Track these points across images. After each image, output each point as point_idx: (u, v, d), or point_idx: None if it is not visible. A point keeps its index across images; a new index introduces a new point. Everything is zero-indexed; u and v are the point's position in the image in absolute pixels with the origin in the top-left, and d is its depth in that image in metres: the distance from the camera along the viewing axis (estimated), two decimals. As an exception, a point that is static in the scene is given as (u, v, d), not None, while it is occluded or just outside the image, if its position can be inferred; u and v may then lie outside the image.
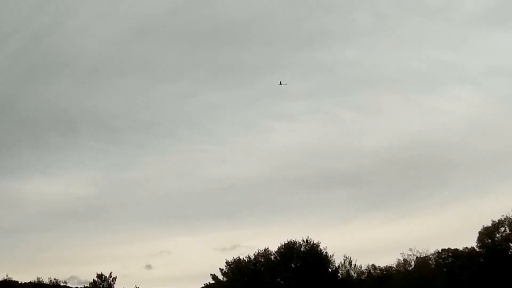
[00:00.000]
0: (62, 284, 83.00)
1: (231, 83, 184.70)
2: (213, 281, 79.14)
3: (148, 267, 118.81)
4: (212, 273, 78.05)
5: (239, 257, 78.16)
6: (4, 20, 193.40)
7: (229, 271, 77.31)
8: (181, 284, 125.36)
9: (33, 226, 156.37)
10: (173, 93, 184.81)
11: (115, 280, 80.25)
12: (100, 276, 79.49)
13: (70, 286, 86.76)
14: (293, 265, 73.70)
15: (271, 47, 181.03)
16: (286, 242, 74.83)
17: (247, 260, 77.32)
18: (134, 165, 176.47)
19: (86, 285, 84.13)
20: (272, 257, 75.78)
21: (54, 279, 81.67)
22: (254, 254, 77.72)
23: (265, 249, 76.74)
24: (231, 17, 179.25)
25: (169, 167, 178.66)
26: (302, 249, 73.14)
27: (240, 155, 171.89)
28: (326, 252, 72.45)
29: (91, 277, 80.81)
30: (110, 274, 79.94)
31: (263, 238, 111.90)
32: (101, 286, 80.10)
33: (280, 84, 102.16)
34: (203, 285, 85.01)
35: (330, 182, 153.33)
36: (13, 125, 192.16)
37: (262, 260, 76.25)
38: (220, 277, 77.22)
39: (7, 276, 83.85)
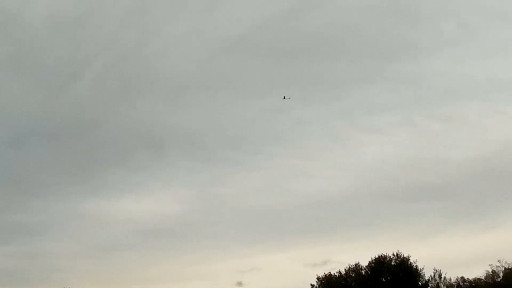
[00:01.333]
0: None
1: (320, 97, 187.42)
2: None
3: (239, 284, 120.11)
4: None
5: (330, 272, 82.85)
6: (90, 40, 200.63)
7: (320, 286, 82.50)
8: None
9: (123, 244, 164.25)
10: (262, 108, 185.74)
11: None
12: None
13: None
14: (383, 279, 77.45)
15: (358, 60, 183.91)
16: (377, 256, 78.66)
17: (338, 275, 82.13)
18: (223, 182, 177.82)
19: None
20: (363, 271, 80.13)
21: None
22: (345, 269, 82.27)
23: (355, 264, 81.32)
24: (318, 32, 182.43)
25: (259, 183, 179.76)
26: (392, 263, 77.10)
27: (330, 169, 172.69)
28: (416, 266, 76.13)
29: None
30: None
31: (354, 252, 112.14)
32: None
33: (284, 98, 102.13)
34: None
35: (419, 194, 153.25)
36: (102, 145, 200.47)
37: (353, 275, 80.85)
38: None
39: None
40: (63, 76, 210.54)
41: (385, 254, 78.43)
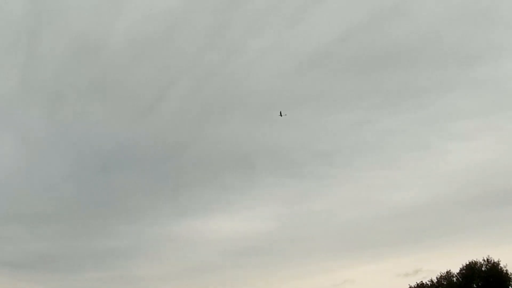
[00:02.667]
0: None
1: (405, 106, 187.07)
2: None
3: None
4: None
5: (422, 281, 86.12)
6: (173, 61, 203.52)
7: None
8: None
9: (216, 264, 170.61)
10: (349, 120, 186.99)
11: None
12: None
13: None
14: (474, 286, 78.05)
15: (439, 67, 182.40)
16: (467, 262, 79.38)
17: (430, 284, 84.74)
18: (313, 196, 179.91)
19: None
20: (454, 279, 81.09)
21: None
22: (436, 278, 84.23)
23: (447, 272, 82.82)
24: (399, 41, 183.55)
25: (348, 195, 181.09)
26: (483, 268, 77.14)
27: (418, 178, 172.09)
28: (506, 270, 75.11)
29: None
30: None
31: (444, 260, 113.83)
32: None
33: (280, 115, 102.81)
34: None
35: (506, 199, 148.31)
36: (190, 166, 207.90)
37: (445, 283, 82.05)
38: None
39: None
40: (148, 99, 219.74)
41: (475, 260, 79.24)
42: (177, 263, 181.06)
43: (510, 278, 76.47)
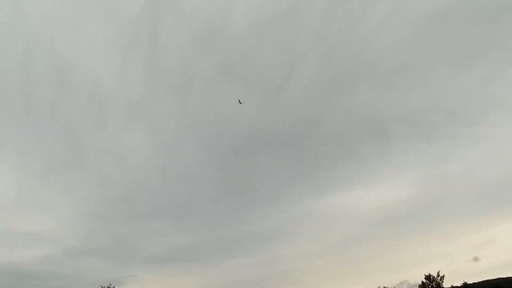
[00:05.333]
0: None
1: None
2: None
3: (475, 259, 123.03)
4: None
5: None
6: (296, 37, 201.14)
7: None
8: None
9: (358, 236, 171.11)
10: (476, 77, 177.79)
11: (443, 278, 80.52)
12: (428, 277, 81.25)
13: None
14: None
15: None
16: None
17: None
18: (450, 158, 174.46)
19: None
20: None
21: (384, 287, 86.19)
22: None
23: None
24: None
25: (485, 154, 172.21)
26: None
27: None
28: None
29: (420, 279, 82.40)
30: (438, 273, 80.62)
31: None
32: (429, 287, 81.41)
33: (240, 102, 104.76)
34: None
35: None
36: (326, 141, 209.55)
37: None
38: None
39: None
40: (276, 78, 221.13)
41: None
42: (321, 239, 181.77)
43: None
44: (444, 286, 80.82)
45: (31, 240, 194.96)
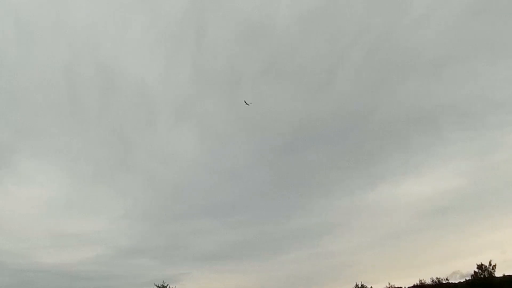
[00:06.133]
0: (444, 282, 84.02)
1: None
2: None
3: None
4: None
5: None
6: (341, 31, 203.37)
7: None
8: None
9: (408, 228, 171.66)
10: None
11: (495, 267, 79.47)
12: (480, 266, 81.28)
13: (452, 282, 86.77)
14: None
15: None
16: None
17: None
18: (499, 147, 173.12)
19: (467, 278, 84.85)
20: None
21: (436, 278, 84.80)
22: None
23: None
24: None
25: None
26: None
27: None
28: None
29: (472, 269, 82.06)
30: (490, 262, 79.96)
31: None
32: (481, 276, 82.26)
33: (246, 103, 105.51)
34: None
35: None
36: (374, 133, 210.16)
37: None
38: None
39: (389, 284, 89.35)
40: (323, 73, 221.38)
41: None
42: (371, 232, 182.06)
43: None
44: (496, 275, 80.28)
45: (82, 241, 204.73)
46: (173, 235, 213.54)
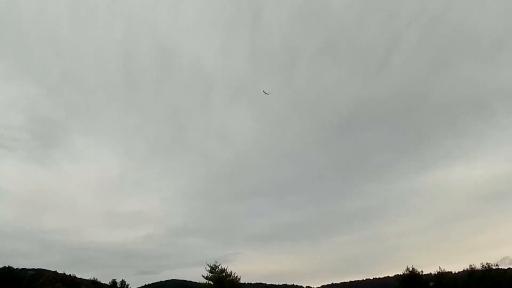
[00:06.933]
0: (494, 268, 79.35)
1: None
2: None
3: None
4: None
5: None
6: (396, 13, 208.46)
7: None
8: None
9: (460, 213, 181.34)
10: None
11: None
12: None
13: (502, 267, 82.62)
14: None
15: None
16: None
17: None
18: None
19: (520, 264, 76.23)
20: None
21: (486, 263, 79.46)
22: None
23: None
24: None
25: None
26: None
27: None
28: None
29: None
30: None
31: None
32: None
33: (264, 92, 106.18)
34: None
35: None
36: (428, 116, 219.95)
37: None
38: None
39: (439, 268, 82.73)
40: (379, 54, 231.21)
41: None
42: (424, 216, 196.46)
43: None
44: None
45: (135, 220, 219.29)
46: (226, 215, 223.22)
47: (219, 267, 74.01)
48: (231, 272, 74.34)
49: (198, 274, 73.54)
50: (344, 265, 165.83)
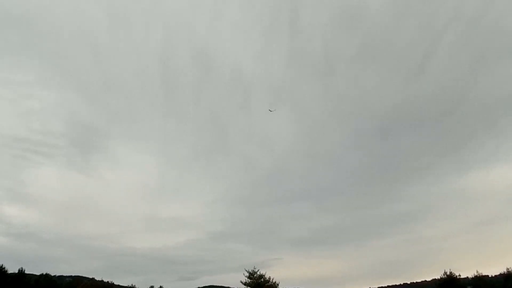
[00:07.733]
0: None
1: None
2: None
3: None
4: None
5: None
6: (435, 16, 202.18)
7: None
8: None
9: (498, 216, 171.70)
10: None
11: None
12: None
13: None
14: None
15: None
16: None
17: None
18: None
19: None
20: None
21: None
22: None
23: None
24: None
25: None
26: None
27: None
28: None
29: None
30: None
31: None
32: None
33: (270, 111, 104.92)
34: None
35: None
36: (466, 118, 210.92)
37: None
38: None
39: (477, 272, 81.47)
40: (417, 57, 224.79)
41: None
42: (463, 219, 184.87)
43: None
44: None
45: (175, 226, 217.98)
46: (266, 219, 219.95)
47: (258, 272, 73.87)
48: (269, 278, 74.00)
49: (237, 280, 72.36)
50: (382, 269, 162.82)
